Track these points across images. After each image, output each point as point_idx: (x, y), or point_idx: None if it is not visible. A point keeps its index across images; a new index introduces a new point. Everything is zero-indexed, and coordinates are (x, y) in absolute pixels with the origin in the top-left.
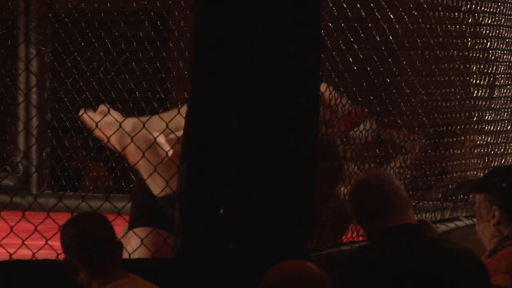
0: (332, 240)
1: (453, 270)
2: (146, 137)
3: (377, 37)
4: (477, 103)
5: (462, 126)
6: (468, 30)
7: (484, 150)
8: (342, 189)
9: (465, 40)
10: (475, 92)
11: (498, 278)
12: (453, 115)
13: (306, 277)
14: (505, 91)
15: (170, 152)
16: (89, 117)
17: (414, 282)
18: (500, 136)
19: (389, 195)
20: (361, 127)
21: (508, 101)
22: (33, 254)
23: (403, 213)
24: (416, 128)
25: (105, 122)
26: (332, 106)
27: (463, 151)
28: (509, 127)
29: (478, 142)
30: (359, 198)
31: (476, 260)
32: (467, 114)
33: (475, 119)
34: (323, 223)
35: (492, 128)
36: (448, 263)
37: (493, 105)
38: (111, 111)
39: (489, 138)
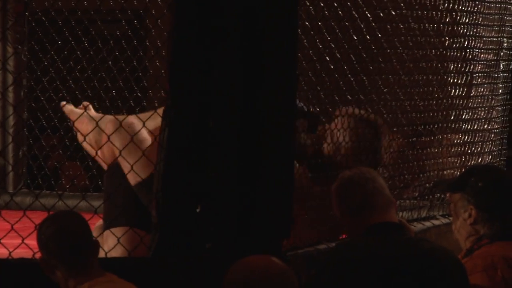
0: (317, 237)
1: (433, 269)
2: (128, 125)
3: (354, 36)
4: (454, 102)
5: (440, 125)
6: (445, 29)
7: (461, 149)
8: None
9: (443, 39)
10: (453, 91)
11: (474, 278)
12: (431, 114)
13: (271, 272)
14: (482, 90)
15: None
16: (70, 109)
17: (393, 280)
18: (477, 135)
19: (372, 193)
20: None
21: (485, 100)
22: (10, 253)
23: (386, 212)
24: (394, 127)
25: (86, 116)
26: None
27: (440, 150)
28: (486, 126)
29: (455, 141)
30: (342, 194)
31: (455, 259)
32: (445, 113)
33: (452, 118)
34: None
35: (469, 127)
36: (428, 262)
37: (470, 104)
38: (91, 110)
39: (466, 137)
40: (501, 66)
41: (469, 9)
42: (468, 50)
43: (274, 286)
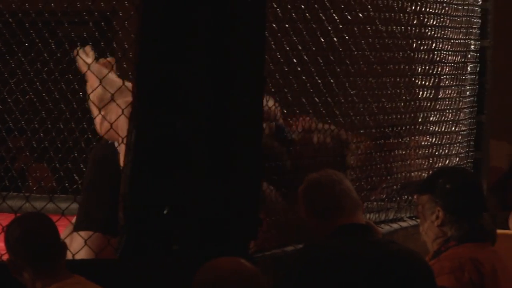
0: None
1: (400, 271)
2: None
3: (321, 38)
4: (422, 104)
5: (407, 127)
6: (413, 31)
7: (428, 151)
8: None
9: (410, 41)
10: (420, 93)
11: (441, 279)
12: (398, 116)
13: (240, 274)
14: (449, 92)
15: None
16: (83, 60)
17: (361, 281)
18: (445, 137)
19: (339, 195)
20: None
21: (453, 102)
22: None
23: (353, 214)
24: (361, 129)
25: (98, 70)
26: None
27: (407, 152)
28: (453, 128)
29: (423, 143)
30: (309, 196)
31: (422, 261)
32: (412, 115)
33: (420, 120)
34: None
35: (436, 129)
36: (395, 263)
37: (438, 106)
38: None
39: (434, 139)
40: (469, 68)
41: (436, 11)
42: (435, 52)
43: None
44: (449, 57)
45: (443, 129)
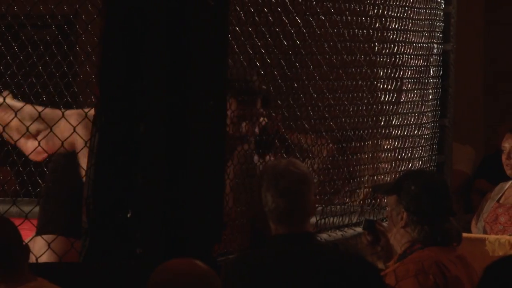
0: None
1: (331, 279)
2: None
3: (284, 41)
4: (384, 107)
5: (370, 130)
6: (375, 34)
7: (391, 154)
8: None
9: (372, 45)
10: (382, 96)
11: (406, 283)
12: (360, 120)
13: (193, 274)
14: (412, 95)
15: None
16: None
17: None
18: (408, 140)
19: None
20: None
21: (415, 106)
22: None
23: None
24: (323, 133)
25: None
26: None
27: (370, 155)
28: (416, 132)
29: (386, 147)
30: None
31: (361, 268)
32: (374, 118)
33: (382, 123)
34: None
35: (399, 133)
36: (328, 272)
37: (400, 109)
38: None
39: (397, 143)
40: (431, 71)
41: (398, 15)
42: (397, 56)
43: None
44: (412, 61)
45: (405, 133)
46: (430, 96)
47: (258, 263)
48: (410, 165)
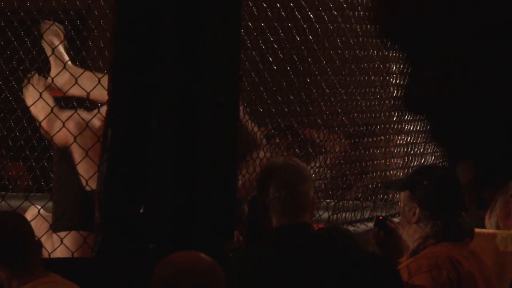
0: None
1: (319, 273)
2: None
3: (297, 36)
4: (396, 102)
5: (382, 125)
6: None
7: (403, 149)
8: None
9: (385, 40)
10: (395, 91)
11: (420, 278)
12: (373, 115)
13: (198, 267)
14: None
15: None
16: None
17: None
18: (420, 135)
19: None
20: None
21: None
22: None
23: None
24: (336, 128)
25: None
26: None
27: (383, 150)
28: (428, 127)
29: (398, 142)
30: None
31: (350, 262)
32: (387, 113)
33: (394, 118)
34: None
35: (411, 128)
36: (318, 266)
37: None
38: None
39: (409, 138)
40: None
41: None
42: None
43: (201, 282)
44: None
45: (418, 128)
46: None
47: (261, 255)
48: (423, 160)
